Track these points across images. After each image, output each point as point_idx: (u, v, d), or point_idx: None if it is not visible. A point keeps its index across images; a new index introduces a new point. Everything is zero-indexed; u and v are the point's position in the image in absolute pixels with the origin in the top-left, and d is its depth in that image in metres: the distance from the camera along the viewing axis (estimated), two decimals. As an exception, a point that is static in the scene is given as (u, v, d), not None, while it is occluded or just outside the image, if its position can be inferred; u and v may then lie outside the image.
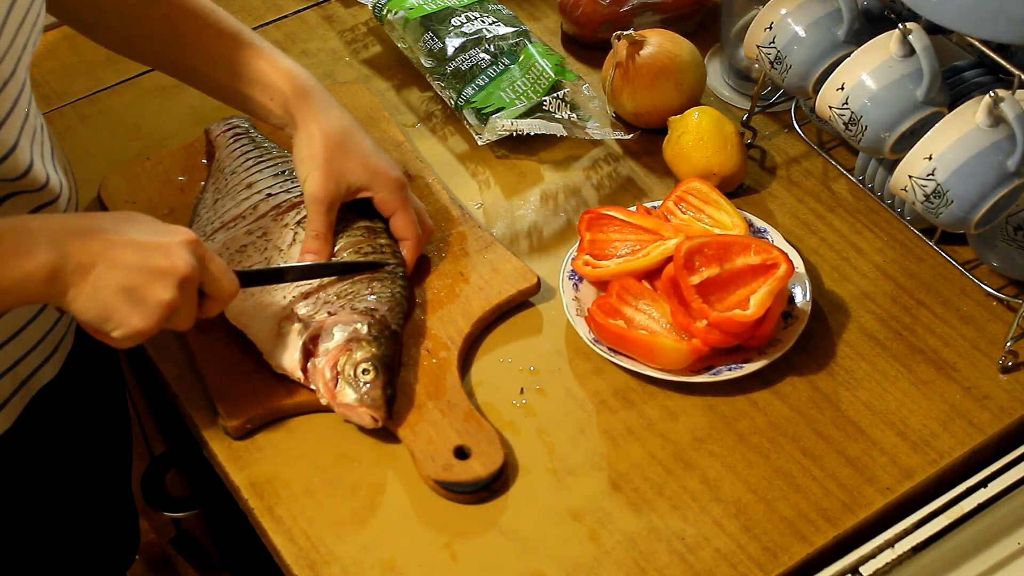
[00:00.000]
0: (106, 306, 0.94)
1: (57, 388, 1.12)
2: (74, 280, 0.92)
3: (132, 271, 0.94)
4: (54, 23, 1.51)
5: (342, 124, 1.15)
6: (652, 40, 1.32)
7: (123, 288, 0.93)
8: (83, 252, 0.92)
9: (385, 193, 1.15)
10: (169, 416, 1.30)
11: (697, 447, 1.08)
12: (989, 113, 1.06)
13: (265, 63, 1.15)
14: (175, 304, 0.96)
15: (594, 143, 1.35)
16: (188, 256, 0.96)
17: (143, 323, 0.95)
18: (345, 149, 1.13)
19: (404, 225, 1.16)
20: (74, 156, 1.36)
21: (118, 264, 0.93)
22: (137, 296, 0.94)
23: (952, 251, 1.20)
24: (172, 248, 0.96)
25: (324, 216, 1.14)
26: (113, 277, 0.93)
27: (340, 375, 1.06)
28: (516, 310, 1.19)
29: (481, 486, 1.04)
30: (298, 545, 1.03)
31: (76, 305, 0.93)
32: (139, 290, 0.94)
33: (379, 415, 1.06)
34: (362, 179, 1.14)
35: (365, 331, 1.08)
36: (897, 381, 1.12)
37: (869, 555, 1.00)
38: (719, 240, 1.11)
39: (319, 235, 1.14)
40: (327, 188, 1.13)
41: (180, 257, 0.96)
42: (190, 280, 0.96)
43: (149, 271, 0.94)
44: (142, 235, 0.96)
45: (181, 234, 0.97)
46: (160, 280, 0.95)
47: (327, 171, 1.13)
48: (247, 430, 1.09)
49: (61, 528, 1.20)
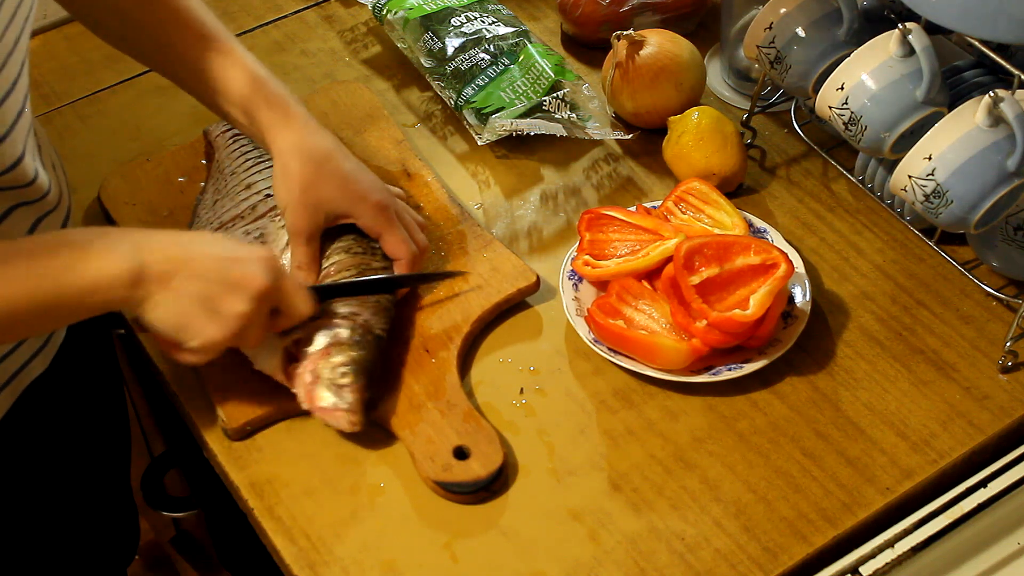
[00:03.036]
0: (184, 314, 0.96)
1: (48, 382, 1.12)
2: (155, 288, 0.95)
3: (211, 282, 0.96)
4: (54, 23, 1.51)
5: (319, 149, 1.11)
6: (652, 40, 1.32)
7: (201, 298, 0.96)
8: (165, 261, 0.95)
9: (367, 219, 1.12)
10: (169, 416, 1.30)
11: (697, 447, 1.08)
12: (989, 113, 1.06)
13: (247, 86, 1.12)
14: (250, 317, 0.98)
15: (594, 143, 1.35)
16: (264, 271, 0.99)
17: (218, 333, 0.98)
18: (321, 177, 1.11)
19: (393, 246, 1.13)
20: (74, 156, 1.36)
21: (197, 274, 0.96)
22: (214, 306, 0.97)
23: (952, 251, 1.20)
24: (249, 262, 0.99)
25: (305, 248, 1.12)
26: (192, 286, 0.96)
27: (319, 379, 1.06)
28: (516, 310, 1.19)
29: (481, 486, 1.04)
30: (298, 545, 1.03)
31: (156, 312, 0.96)
32: (216, 300, 0.97)
33: (356, 419, 1.05)
34: (342, 206, 1.12)
35: (346, 335, 1.07)
36: (897, 381, 1.12)
37: (869, 555, 1.00)
38: (719, 240, 1.11)
39: (302, 266, 1.12)
40: (305, 220, 1.11)
41: (257, 271, 0.98)
42: (265, 294, 0.99)
43: (227, 283, 0.97)
44: (221, 249, 0.99)
45: (259, 250, 1.01)
46: (237, 292, 0.97)
47: (304, 203, 1.11)
48: (247, 432, 1.09)
49: (61, 525, 1.21)
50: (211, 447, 1.10)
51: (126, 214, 1.26)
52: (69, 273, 0.92)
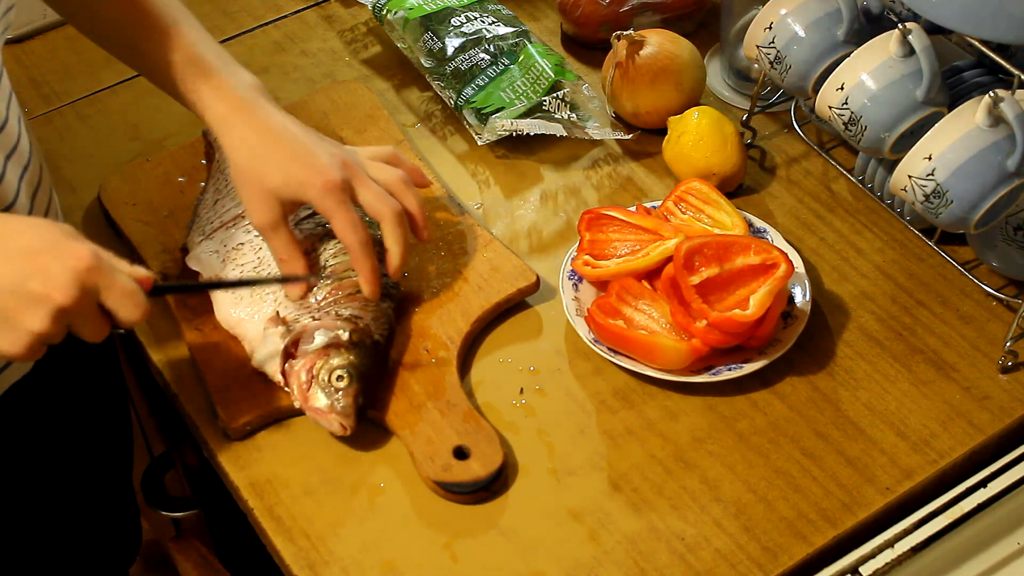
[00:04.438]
0: None
1: (34, 384, 1.11)
2: None
3: (4, 294, 0.86)
4: (54, 23, 1.51)
5: (259, 134, 1.06)
6: (652, 40, 1.32)
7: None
8: None
9: (317, 203, 1.06)
10: (169, 416, 1.30)
11: (697, 447, 1.08)
12: (989, 113, 1.06)
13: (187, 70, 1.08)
14: (48, 333, 0.88)
15: (594, 143, 1.34)
16: (70, 286, 0.87)
17: (12, 349, 0.88)
18: (266, 169, 1.06)
19: (339, 231, 1.07)
20: (74, 156, 1.36)
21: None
22: (7, 320, 0.87)
23: (952, 251, 1.20)
24: (55, 274, 0.87)
25: (275, 239, 1.08)
26: None
27: (315, 379, 1.06)
28: (516, 310, 1.19)
29: (480, 486, 1.04)
30: (298, 545, 1.03)
31: None
32: (12, 313, 0.87)
33: (348, 423, 1.05)
34: (292, 192, 1.06)
35: (346, 338, 1.07)
36: (897, 381, 1.12)
37: (869, 555, 1.00)
38: (719, 240, 1.11)
39: (284, 260, 1.09)
40: (262, 213, 1.07)
41: (60, 285, 0.87)
42: (68, 311, 0.88)
43: (21, 296, 0.87)
44: (25, 253, 0.87)
45: (73, 259, 0.88)
46: (33, 307, 0.87)
47: (254, 196, 1.07)
48: (247, 432, 1.09)
49: (63, 526, 1.21)
50: (211, 447, 1.10)
51: (126, 214, 1.26)
52: None
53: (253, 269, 1.15)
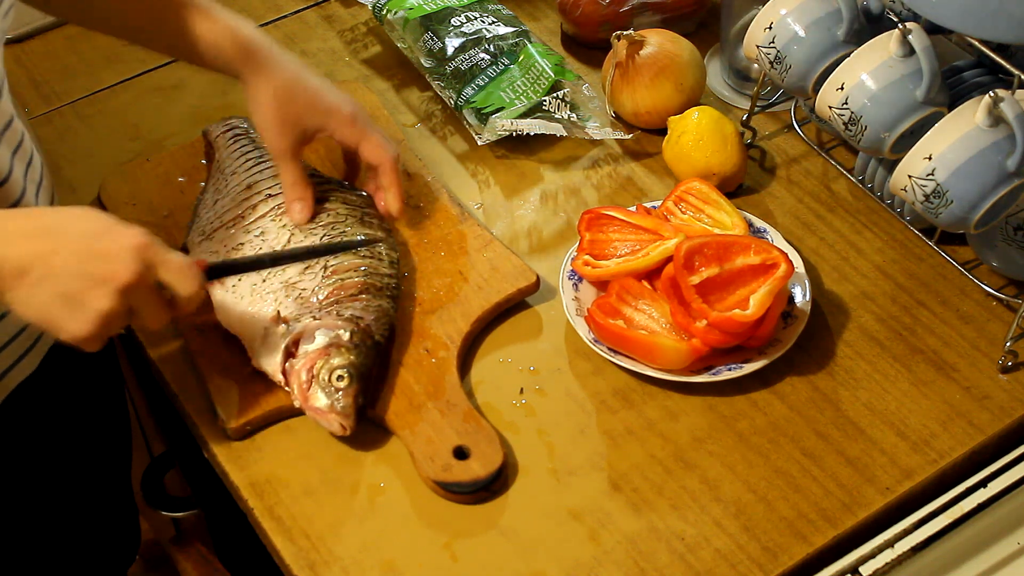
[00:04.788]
0: (44, 311, 0.90)
1: (38, 383, 1.11)
2: (10, 283, 0.89)
3: (70, 277, 0.90)
4: (54, 23, 1.51)
5: (288, 73, 1.14)
6: (652, 40, 1.32)
7: (60, 294, 0.90)
8: (19, 255, 0.89)
9: (342, 129, 1.16)
10: (169, 416, 1.30)
11: (697, 447, 1.08)
12: (989, 113, 1.06)
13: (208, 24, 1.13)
14: (115, 312, 0.91)
15: (594, 143, 1.34)
16: (131, 262, 0.91)
17: (82, 330, 0.91)
18: (293, 97, 1.14)
19: (372, 150, 1.17)
20: (74, 156, 1.36)
21: (55, 270, 0.89)
22: (75, 303, 0.90)
23: (952, 251, 1.20)
24: (115, 254, 0.91)
25: (290, 167, 1.16)
26: (49, 282, 0.89)
27: (315, 379, 1.06)
28: (516, 310, 1.19)
29: (480, 486, 1.04)
30: (298, 545, 1.03)
31: (15, 307, 0.91)
32: (77, 297, 0.90)
33: (348, 423, 1.05)
34: (315, 120, 1.15)
35: (347, 338, 1.08)
36: (897, 381, 1.12)
37: (869, 555, 1.00)
38: (719, 240, 1.11)
39: (296, 182, 1.16)
40: (283, 138, 1.15)
41: (122, 263, 0.91)
42: (132, 288, 0.91)
43: (87, 277, 0.90)
44: (86, 238, 0.91)
45: (129, 237, 0.92)
46: (99, 287, 0.90)
47: (280, 120, 1.14)
48: (247, 432, 1.09)
49: (62, 525, 1.21)
50: (211, 447, 1.10)
51: (126, 214, 1.26)
52: None
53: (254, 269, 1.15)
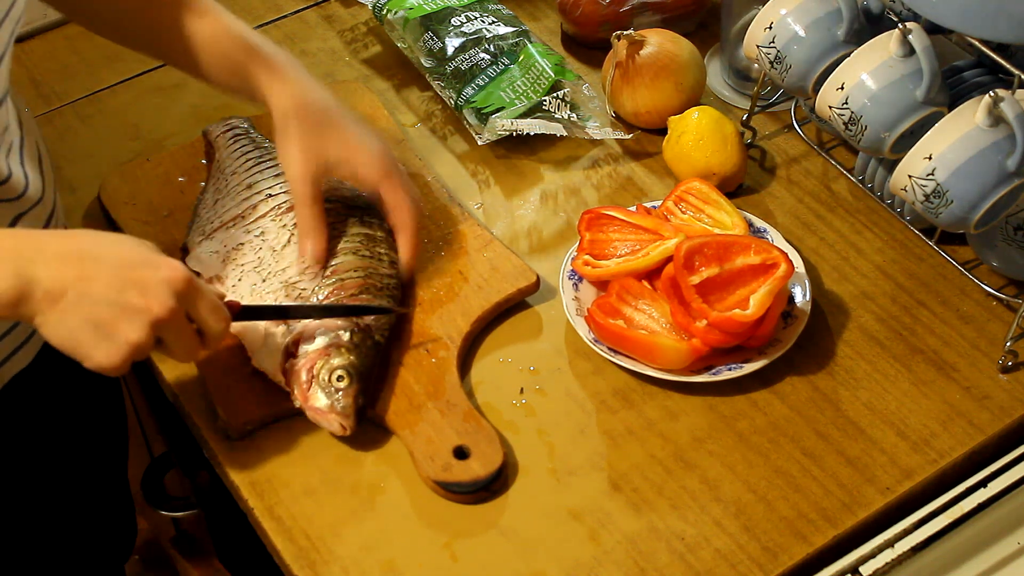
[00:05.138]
0: (73, 337, 0.90)
1: (34, 377, 1.11)
2: (42, 307, 0.88)
3: (103, 305, 0.89)
4: (54, 23, 1.51)
5: (316, 102, 1.11)
6: (652, 40, 1.32)
7: (91, 321, 0.89)
8: (55, 279, 0.88)
9: (369, 171, 1.11)
10: (169, 416, 1.30)
11: (697, 447, 1.08)
12: (989, 113, 1.06)
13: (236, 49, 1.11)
14: (145, 344, 0.91)
15: (594, 143, 1.34)
16: (166, 296, 0.91)
17: (108, 360, 0.90)
18: (321, 123, 1.10)
19: (391, 194, 1.12)
20: (73, 156, 1.36)
21: (89, 296, 0.89)
22: (106, 331, 0.89)
23: (952, 251, 1.20)
24: (152, 286, 0.90)
25: (309, 209, 1.11)
26: (82, 309, 0.89)
27: (315, 379, 1.06)
28: (516, 310, 1.19)
29: (480, 486, 1.04)
30: (298, 545, 1.03)
31: (44, 330, 0.90)
32: (110, 325, 0.89)
33: (348, 423, 1.05)
34: (343, 154, 1.11)
35: (347, 338, 1.07)
36: (897, 381, 1.12)
37: (869, 555, 1.00)
38: (719, 240, 1.11)
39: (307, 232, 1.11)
40: (306, 165, 1.10)
41: (156, 296, 0.90)
42: (165, 322, 0.91)
43: (120, 307, 0.89)
44: (123, 267, 0.90)
45: (167, 269, 0.92)
46: (132, 319, 0.90)
47: (303, 151, 1.10)
48: (247, 431, 1.09)
49: (58, 521, 1.21)
50: (211, 447, 1.10)
51: (126, 214, 1.26)
52: None
53: (253, 269, 1.15)
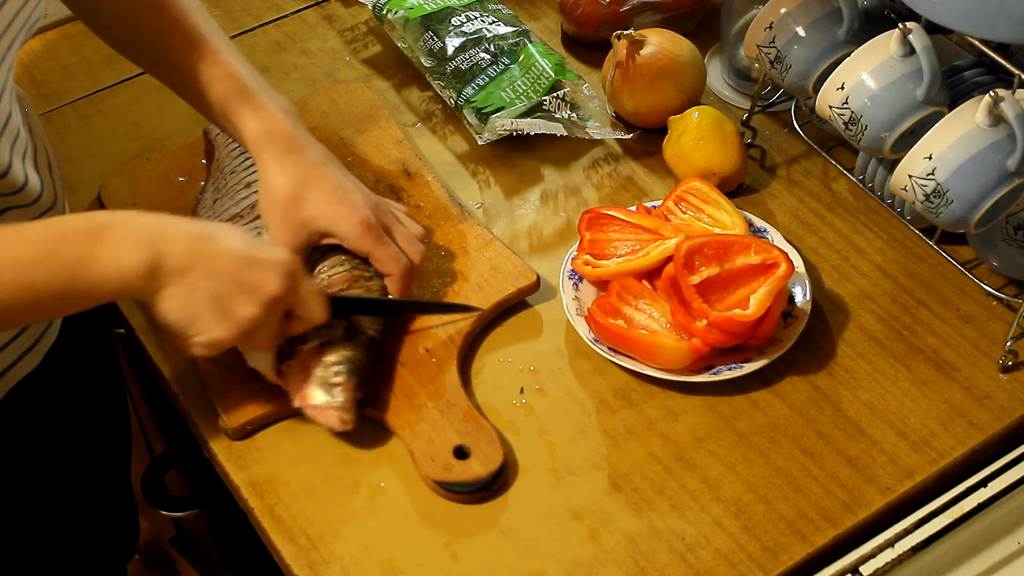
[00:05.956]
0: (194, 310, 0.95)
1: (40, 379, 1.11)
2: (170, 280, 0.94)
3: (226, 281, 0.95)
4: (54, 23, 1.51)
5: (303, 164, 1.09)
6: (652, 40, 1.32)
7: (214, 296, 0.95)
8: (183, 253, 0.94)
9: (353, 239, 1.09)
10: (169, 416, 1.30)
11: (697, 447, 1.08)
12: (989, 113, 1.06)
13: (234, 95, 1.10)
14: (259, 321, 0.97)
15: (594, 143, 1.35)
16: (281, 277, 0.98)
17: (225, 334, 0.97)
18: (304, 195, 1.08)
19: (381, 263, 1.10)
20: (74, 156, 1.36)
21: (214, 271, 0.95)
22: (225, 307, 0.96)
23: (952, 251, 1.20)
24: (268, 265, 0.97)
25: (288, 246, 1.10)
26: (207, 283, 0.95)
27: (311, 377, 1.06)
28: (516, 310, 1.19)
29: (481, 486, 1.04)
30: (298, 545, 1.03)
31: (167, 304, 0.95)
32: (228, 301, 0.96)
33: (348, 418, 1.05)
34: (324, 224, 1.09)
35: (340, 335, 1.07)
36: (897, 381, 1.12)
37: (869, 555, 1.00)
38: (719, 240, 1.11)
39: None
40: (287, 239, 1.09)
41: (274, 276, 0.97)
42: (279, 300, 0.98)
43: (242, 284, 0.96)
44: (241, 247, 0.97)
45: (279, 254, 0.99)
46: (250, 295, 0.96)
47: (285, 221, 1.09)
48: (247, 431, 1.09)
49: (61, 522, 1.21)
50: (211, 447, 1.10)
51: (126, 214, 1.26)
52: (84, 262, 0.91)
53: None
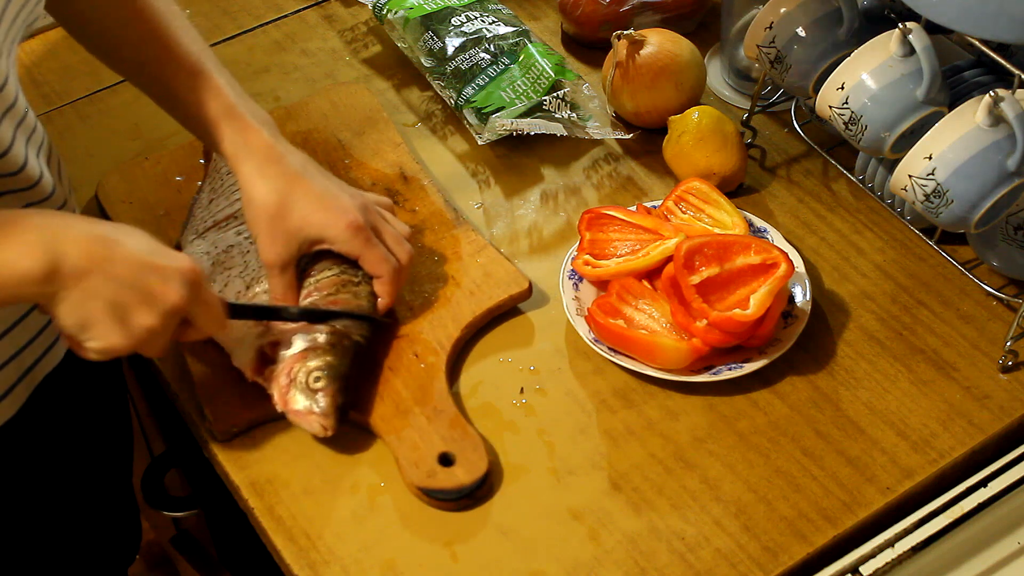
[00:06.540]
0: (90, 316, 0.92)
1: (61, 377, 1.12)
2: (67, 283, 0.90)
3: (125, 288, 0.92)
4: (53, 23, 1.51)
5: (285, 174, 1.08)
6: (652, 40, 1.32)
7: (111, 302, 0.92)
8: (82, 256, 0.90)
9: (342, 243, 1.09)
10: (169, 416, 1.30)
11: (697, 447, 1.08)
12: (989, 113, 1.06)
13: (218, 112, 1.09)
14: (156, 331, 0.94)
15: (594, 143, 1.34)
16: (182, 286, 0.95)
17: (120, 341, 0.93)
18: (289, 208, 1.07)
19: (371, 265, 1.10)
20: (74, 155, 1.36)
21: (113, 277, 0.91)
22: (122, 314, 0.92)
23: (952, 251, 1.20)
24: (170, 273, 0.94)
25: (279, 279, 1.10)
26: (105, 289, 0.91)
27: (293, 382, 1.05)
28: (516, 310, 1.19)
29: (464, 494, 1.03)
30: (298, 545, 1.03)
31: (61, 308, 0.91)
32: (126, 308, 0.92)
33: (328, 424, 1.05)
34: (312, 232, 1.08)
35: (323, 340, 1.07)
36: (897, 381, 1.12)
37: (869, 555, 1.00)
38: (719, 240, 1.11)
39: (278, 298, 1.10)
40: (276, 251, 1.08)
41: (175, 286, 0.94)
42: (177, 311, 0.95)
43: (141, 291, 0.93)
44: (143, 252, 0.94)
45: (182, 261, 0.96)
46: (149, 305, 0.93)
47: (272, 233, 1.08)
48: (233, 433, 1.09)
49: (64, 522, 1.21)
50: (211, 447, 1.10)
51: (122, 212, 1.26)
52: None
53: (239, 275, 1.15)
